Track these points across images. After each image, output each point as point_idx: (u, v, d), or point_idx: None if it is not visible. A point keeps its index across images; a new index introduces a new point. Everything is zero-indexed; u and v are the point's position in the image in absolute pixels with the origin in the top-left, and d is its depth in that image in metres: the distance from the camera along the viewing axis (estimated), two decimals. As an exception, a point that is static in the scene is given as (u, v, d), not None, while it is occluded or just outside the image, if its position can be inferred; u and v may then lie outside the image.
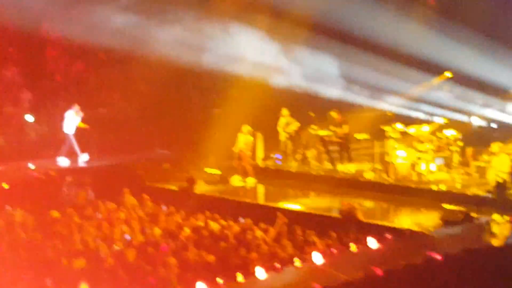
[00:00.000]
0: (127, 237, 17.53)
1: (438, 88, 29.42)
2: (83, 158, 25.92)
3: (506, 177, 20.44)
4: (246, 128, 25.16)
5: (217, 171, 25.33)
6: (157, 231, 18.00)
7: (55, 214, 19.44)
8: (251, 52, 27.60)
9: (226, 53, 27.22)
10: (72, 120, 25.97)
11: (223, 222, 18.84)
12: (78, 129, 26.05)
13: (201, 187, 23.80)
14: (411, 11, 27.78)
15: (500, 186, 20.20)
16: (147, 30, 26.48)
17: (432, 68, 29.46)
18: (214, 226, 18.43)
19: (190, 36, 26.81)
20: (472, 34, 27.48)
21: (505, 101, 28.19)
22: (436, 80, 29.67)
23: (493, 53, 27.48)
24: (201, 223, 18.78)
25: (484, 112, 28.72)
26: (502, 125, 28.45)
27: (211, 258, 15.88)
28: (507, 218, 17.83)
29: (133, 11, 26.47)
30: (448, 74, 29.90)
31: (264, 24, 27.92)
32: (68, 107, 26.10)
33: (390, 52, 27.26)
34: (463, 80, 28.11)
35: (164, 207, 20.84)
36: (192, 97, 29.75)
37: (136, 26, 26.30)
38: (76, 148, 25.97)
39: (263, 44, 27.87)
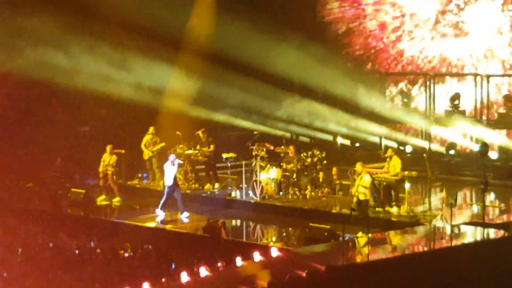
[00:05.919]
0: None
1: (302, 108, 29.77)
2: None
3: (367, 195, 20.88)
4: (110, 147, 24.81)
5: (81, 190, 24.86)
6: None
7: None
8: (115, 70, 27.34)
9: (91, 72, 26.86)
10: (170, 171, 23.15)
11: (87, 241, 18.56)
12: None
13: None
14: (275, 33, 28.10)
15: (362, 204, 20.64)
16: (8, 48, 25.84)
17: (295, 88, 29.91)
18: (79, 245, 18.14)
19: (55, 55, 26.32)
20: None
21: (367, 120, 28.84)
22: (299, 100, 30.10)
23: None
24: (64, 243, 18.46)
25: (348, 132, 29.30)
26: (365, 144, 29.12)
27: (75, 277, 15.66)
28: (369, 235, 18.21)
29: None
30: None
31: (129, 42, 27.72)
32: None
33: (254, 71, 27.50)
34: (327, 100, 28.62)
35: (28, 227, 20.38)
36: (57, 115, 29.07)
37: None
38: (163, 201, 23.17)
39: (127, 62, 27.64)
